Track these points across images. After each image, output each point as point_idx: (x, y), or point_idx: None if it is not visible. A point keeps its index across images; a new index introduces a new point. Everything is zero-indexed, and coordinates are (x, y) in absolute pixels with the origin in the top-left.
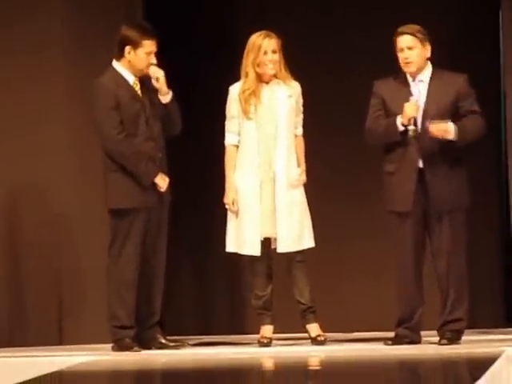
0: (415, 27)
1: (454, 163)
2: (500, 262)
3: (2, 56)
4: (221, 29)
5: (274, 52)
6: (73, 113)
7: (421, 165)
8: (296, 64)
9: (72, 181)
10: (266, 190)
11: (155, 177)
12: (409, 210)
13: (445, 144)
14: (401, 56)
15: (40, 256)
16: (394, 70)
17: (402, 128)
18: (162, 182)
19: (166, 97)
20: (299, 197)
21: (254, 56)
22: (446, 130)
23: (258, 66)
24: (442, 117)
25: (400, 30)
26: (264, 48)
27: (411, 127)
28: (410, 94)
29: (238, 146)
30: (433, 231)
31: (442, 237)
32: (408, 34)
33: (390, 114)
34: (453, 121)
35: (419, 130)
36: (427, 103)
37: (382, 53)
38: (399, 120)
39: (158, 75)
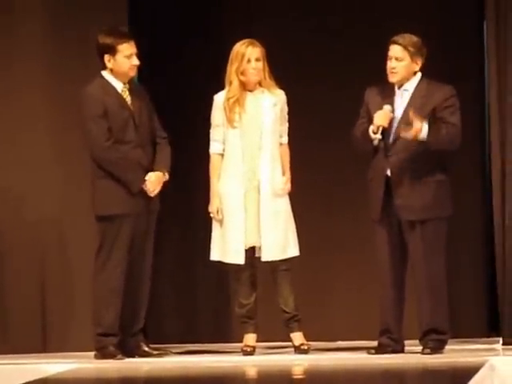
0: (410, 39)
1: (427, 173)
2: (483, 271)
3: None
4: (206, 37)
5: (257, 60)
6: (55, 119)
7: (388, 173)
8: (281, 73)
9: (55, 187)
10: (251, 199)
11: (143, 183)
12: (377, 218)
13: (414, 154)
14: (388, 64)
15: (24, 263)
16: (380, 79)
17: (373, 136)
18: (151, 184)
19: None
20: (284, 206)
21: (237, 64)
22: (418, 129)
23: (242, 73)
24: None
25: (395, 38)
26: (247, 56)
27: (377, 136)
28: (391, 102)
29: (222, 155)
30: (408, 240)
31: (416, 246)
32: (399, 45)
33: (371, 121)
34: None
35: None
36: (405, 112)
37: (368, 61)
38: (371, 128)
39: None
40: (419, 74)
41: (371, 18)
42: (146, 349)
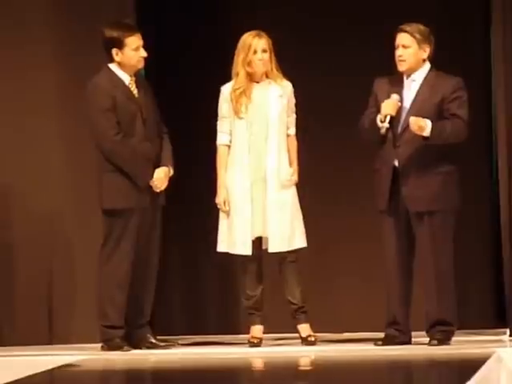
0: (416, 27)
1: (434, 165)
2: (490, 263)
3: None
4: (213, 28)
5: (264, 51)
6: (63, 111)
7: (396, 164)
8: (288, 64)
9: (62, 180)
10: (257, 190)
11: (151, 178)
12: (384, 208)
13: (423, 145)
14: (396, 53)
15: (30, 254)
16: (387, 69)
17: (380, 125)
18: (160, 181)
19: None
20: (290, 197)
21: (244, 55)
22: (422, 126)
23: (248, 64)
24: (424, 117)
25: (401, 26)
26: (254, 47)
27: (384, 124)
28: (400, 92)
29: (229, 146)
30: (415, 231)
31: (423, 237)
32: (406, 32)
33: (379, 110)
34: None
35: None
36: (413, 103)
37: (376, 51)
38: (379, 117)
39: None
40: (428, 65)
41: (379, 9)
42: (153, 340)
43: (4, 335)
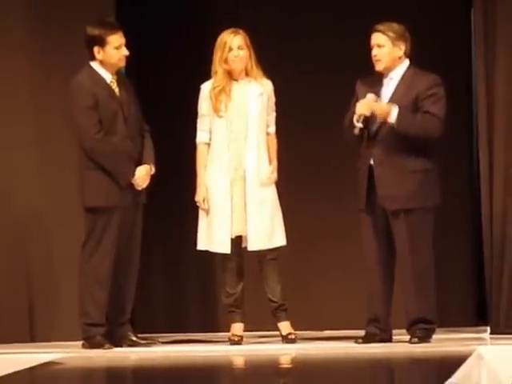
0: (389, 26)
1: (410, 163)
2: (471, 261)
3: None
4: (194, 27)
5: (240, 48)
6: (41, 110)
7: (372, 162)
8: (268, 62)
9: (42, 178)
10: (237, 188)
11: (133, 177)
12: (363, 207)
13: (397, 144)
14: (372, 53)
15: (11, 252)
16: (370, 69)
17: (356, 124)
18: (141, 179)
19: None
20: (270, 195)
21: (220, 53)
22: (387, 111)
23: (225, 62)
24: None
25: (375, 26)
26: (229, 44)
27: (358, 124)
28: (378, 92)
29: (209, 144)
30: (393, 229)
31: (401, 236)
32: (379, 31)
33: None
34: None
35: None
36: (389, 101)
37: (356, 51)
38: (355, 117)
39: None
40: (406, 62)
41: (360, 9)
42: (134, 338)
43: None
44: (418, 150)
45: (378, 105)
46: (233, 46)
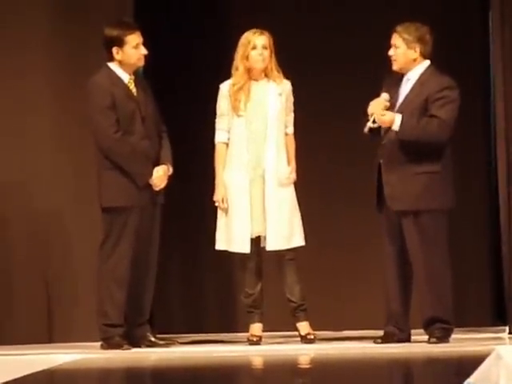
0: (408, 28)
1: (418, 164)
2: (489, 260)
3: None
4: (211, 28)
5: (264, 48)
6: (62, 110)
7: (381, 161)
8: (285, 63)
9: (62, 178)
10: (256, 188)
11: (150, 177)
12: (375, 206)
13: (403, 146)
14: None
15: (29, 253)
16: (385, 68)
17: (368, 123)
18: (159, 179)
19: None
20: (289, 195)
21: (243, 50)
22: (390, 121)
23: (247, 59)
24: (407, 116)
25: (396, 26)
26: (254, 42)
27: (368, 124)
28: (397, 91)
29: (227, 144)
30: (404, 230)
31: (411, 237)
32: (396, 32)
33: None
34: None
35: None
36: (402, 102)
37: (374, 49)
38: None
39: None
40: (425, 63)
41: (378, 8)
42: (153, 339)
43: (3, 334)
44: (423, 153)
45: (381, 117)
46: (257, 44)
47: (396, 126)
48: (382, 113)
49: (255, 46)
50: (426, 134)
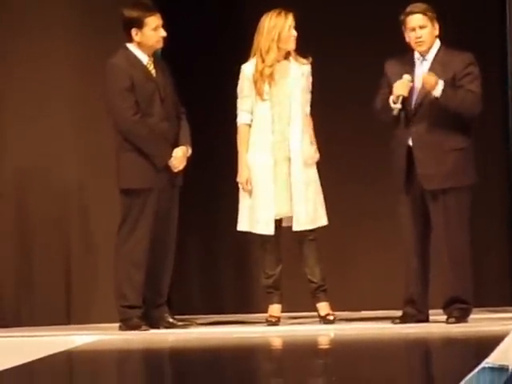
0: (424, 6)
1: (448, 142)
2: (508, 239)
3: (7, 39)
4: (232, 8)
5: (294, 28)
6: (82, 93)
7: (410, 143)
8: (301, 43)
9: (81, 160)
10: (281, 169)
11: (169, 159)
12: (402, 187)
13: (435, 123)
14: (412, 35)
15: (48, 235)
16: (402, 48)
17: (393, 106)
18: (178, 161)
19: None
20: (313, 175)
21: (276, 31)
22: (433, 83)
23: (283, 42)
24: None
25: (409, 9)
26: (289, 24)
27: (396, 106)
28: (411, 72)
29: (250, 125)
30: (430, 210)
31: (438, 216)
32: (419, 13)
33: (391, 91)
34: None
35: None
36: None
37: (390, 31)
38: (391, 98)
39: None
40: (438, 42)
41: None
42: (171, 320)
43: (22, 316)
44: (456, 128)
45: (428, 77)
46: (291, 26)
47: (438, 92)
48: (428, 76)
49: (290, 27)
50: (463, 104)
